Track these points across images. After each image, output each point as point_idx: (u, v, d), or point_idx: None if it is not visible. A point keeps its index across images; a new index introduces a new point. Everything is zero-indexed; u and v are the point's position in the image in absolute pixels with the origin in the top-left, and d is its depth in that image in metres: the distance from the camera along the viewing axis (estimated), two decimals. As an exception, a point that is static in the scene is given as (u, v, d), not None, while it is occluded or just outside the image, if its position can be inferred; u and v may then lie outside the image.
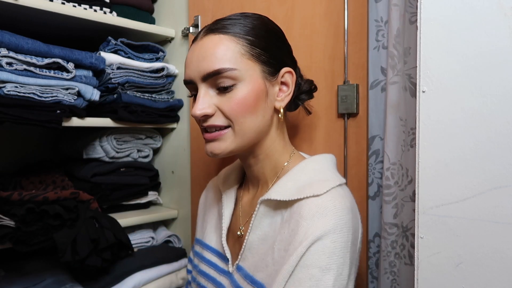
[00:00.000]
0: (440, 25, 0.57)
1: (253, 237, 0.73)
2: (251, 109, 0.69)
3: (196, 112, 0.69)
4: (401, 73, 0.85)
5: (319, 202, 0.66)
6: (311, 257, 0.63)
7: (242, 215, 0.80)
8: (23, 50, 0.95)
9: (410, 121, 0.84)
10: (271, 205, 0.72)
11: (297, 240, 0.64)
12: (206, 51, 0.69)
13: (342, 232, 0.64)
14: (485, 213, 0.54)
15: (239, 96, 0.68)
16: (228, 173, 0.88)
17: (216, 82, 0.69)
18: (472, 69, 0.54)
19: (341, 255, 0.63)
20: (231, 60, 0.68)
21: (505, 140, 0.52)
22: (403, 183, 0.86)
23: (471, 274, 0.55)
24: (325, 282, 0.62)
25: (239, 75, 0.68)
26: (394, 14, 0.85)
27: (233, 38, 0.69)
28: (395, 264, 0.89)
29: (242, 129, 0.70)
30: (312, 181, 0.70)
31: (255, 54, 0.70)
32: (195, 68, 0.70)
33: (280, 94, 0.74)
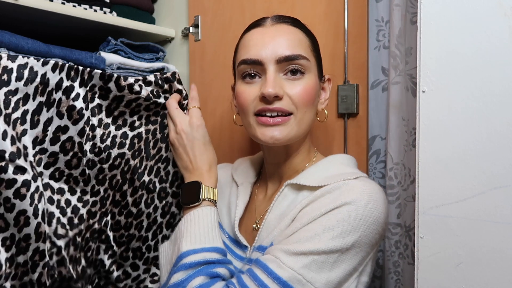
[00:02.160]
0: (440, 25, 0.57)
1: (271, 217, 0.75)
2: (312, 101, 0.73)
3: (270, 91, 0.68)
4: (403, 73, 0.85)
5: (349, 183, 0.68)
6: (323, 218, 0.65)
7: (258, 210, 0.82)
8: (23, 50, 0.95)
9: (412, 121, 0.84)
10: (296, 188, 0.75)
11: (317, 209, 0.67)
12: (282, 36, 0.72)
13: (364, 207, 0.65)
14: (485, 213, 0.54)
15: (307, 86, 0.72)
16: (247, 166, 0.89)
17: (286, 67, 0.71)
18: (472, 69, 0.54)
19: (352, 223, 0.64)
20: (306, 50, 0.73)
21: (505, 140, 0.52)
22: (406, 183, 0.86)
23: (471, 274, 0.55)
24: (321, 236, 0.64)
25: (309, 66, 0.73)
26: (396, 14, 0.85)
27: (303, 32, 0.75)
28: (399, 264, 0.89)
29: (302, 118, 0.72)
30: (341, 172, 0.72)
31: (316, 54, 0.75)
32: (270, 49, 0.71)
33: (321, 98, 0.79)
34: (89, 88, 0.74)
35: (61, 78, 0.70)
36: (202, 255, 0.68)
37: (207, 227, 0.72)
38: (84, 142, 0.74)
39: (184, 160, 0.80)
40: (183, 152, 0.80)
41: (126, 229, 0.84)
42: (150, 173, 0.85)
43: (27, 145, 0.67)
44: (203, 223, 0.72)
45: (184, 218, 0.75)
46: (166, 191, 0.89)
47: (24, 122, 0.66)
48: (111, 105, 0.79)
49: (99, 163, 0.77)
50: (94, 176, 0.77)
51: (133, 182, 0.83)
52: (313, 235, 0.64)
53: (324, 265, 0.63)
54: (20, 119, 0.66)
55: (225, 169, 0.93)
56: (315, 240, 0.63)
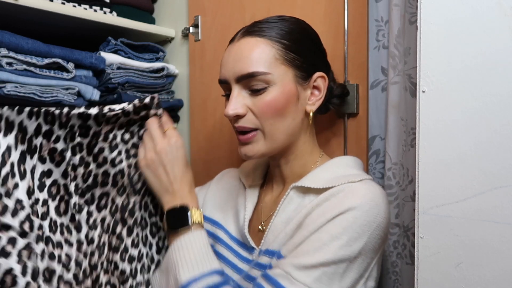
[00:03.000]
0: (440, 25, 0.57)
1: (277, 221, 0.75)
2: (280, 112, 0.71)
3: (229, 112, 0.72)
4: (402, 73, 0.85)
5: (353, 186, 0.68)
6: (328, 226, 0.65)
7: (264, 212, 0.82)
8: (23, 50, 0.95)
9: (411, 121, 0.84)
10: (301, 191, 0.75)
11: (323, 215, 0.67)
12: (242, 53, 0.72)
13: (368, 212, 0.65)
14: (485, 213, 0.54)
15: (269, 99, 0.71)
16: (252, 169, 0.89)
17: (249, 84, 0.71)
18: (472, 69, 0.54)
19: (358, 230, 0.64)
20: (265, 64, 0.70)
21: (505, 140, 0.52)
22: (404, 183, 0.86)
23: (471, 274, 0.55)
24: (329, 246, 0.63)
25: (271, 79, 0.70)
26: (394, 14, 0.85)
27: (269, 41, 0.72)
28: (397, 264, 0.89)
29: (271, 131, 0.72)
30: (346, 174, 0.72)
31: (289, 59, 0.72)
32: (230, 69, 0.73)
33: (311, 98, 0.76)
34: (69, 128, 0.71)
35: (38, 123, 0.67)
36: (204, 281, 0.67)
37: (201, 251, 0.70)
38: (69, 183, 0.71)
39: (163, 181, 0.76)
40: (163, 172, 0.75)
41: (133, 277, 0.78)
42: (140, 208, 0.80)
43: (21, 198, 0.64)
44: (197, 248, 0.70)
45: (174, 246, 0.72)
46: (157, 225, 0.84)
47: (14, 175, 0.64)
48: (91, 142, 0.74)
49: (86, 205, 0.73)
50: (85, 221, 0.73)
51: (125, 221, 0.78)
52: (321, 245, 0.64)
53: (334, 276, 0.63)
54: (10, 173, 0.63)
55: (232, 173, 0.93)
56: (324, 250, 0.63)
